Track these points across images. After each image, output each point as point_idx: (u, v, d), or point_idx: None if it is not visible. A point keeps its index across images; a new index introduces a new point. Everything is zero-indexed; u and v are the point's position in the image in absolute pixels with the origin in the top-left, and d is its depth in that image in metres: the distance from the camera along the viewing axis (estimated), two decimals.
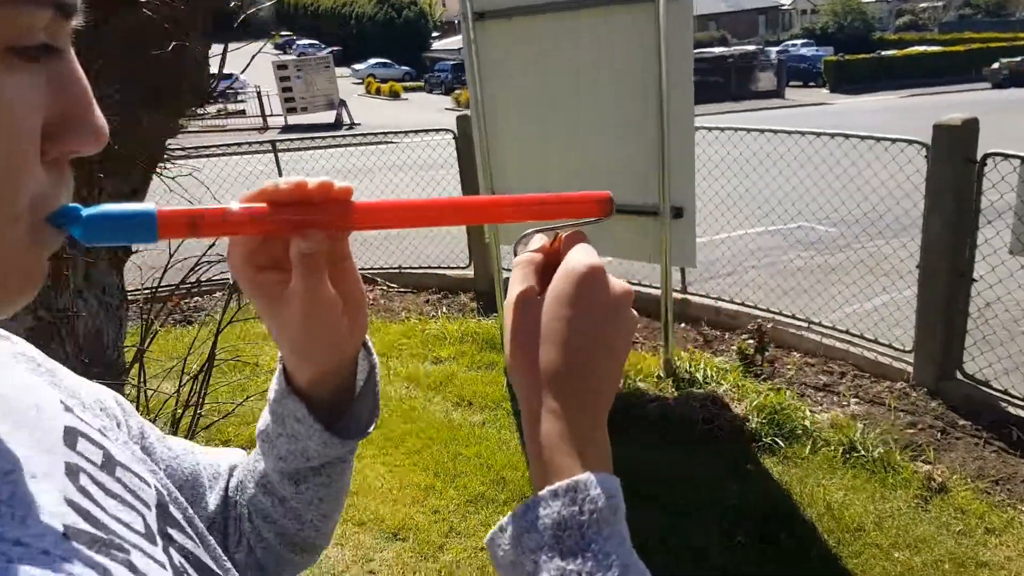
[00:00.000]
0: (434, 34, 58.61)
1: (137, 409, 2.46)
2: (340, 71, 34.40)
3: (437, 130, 6.29)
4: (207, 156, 6.70)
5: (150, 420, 2.52)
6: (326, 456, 0.60)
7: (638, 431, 3.65)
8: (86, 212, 0.39)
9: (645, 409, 3.90)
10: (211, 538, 0.55)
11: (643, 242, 3.95)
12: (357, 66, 44.61)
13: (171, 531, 0.48)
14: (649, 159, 3.74)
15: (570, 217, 0.50)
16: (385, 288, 6.09)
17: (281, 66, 21.98)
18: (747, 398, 3.83)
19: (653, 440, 3.57)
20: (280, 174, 6.21)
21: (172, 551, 0.46)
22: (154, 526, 0.45)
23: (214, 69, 2.56)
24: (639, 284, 5.26)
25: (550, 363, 0.47)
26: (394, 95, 37.55)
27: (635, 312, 0.50)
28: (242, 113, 22.57)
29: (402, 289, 6.09)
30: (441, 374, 4.44)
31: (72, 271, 2.10)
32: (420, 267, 6.32)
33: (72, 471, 0.41)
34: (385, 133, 7.20)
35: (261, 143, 6.56)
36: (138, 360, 2.31)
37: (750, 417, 3.66)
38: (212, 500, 0.64)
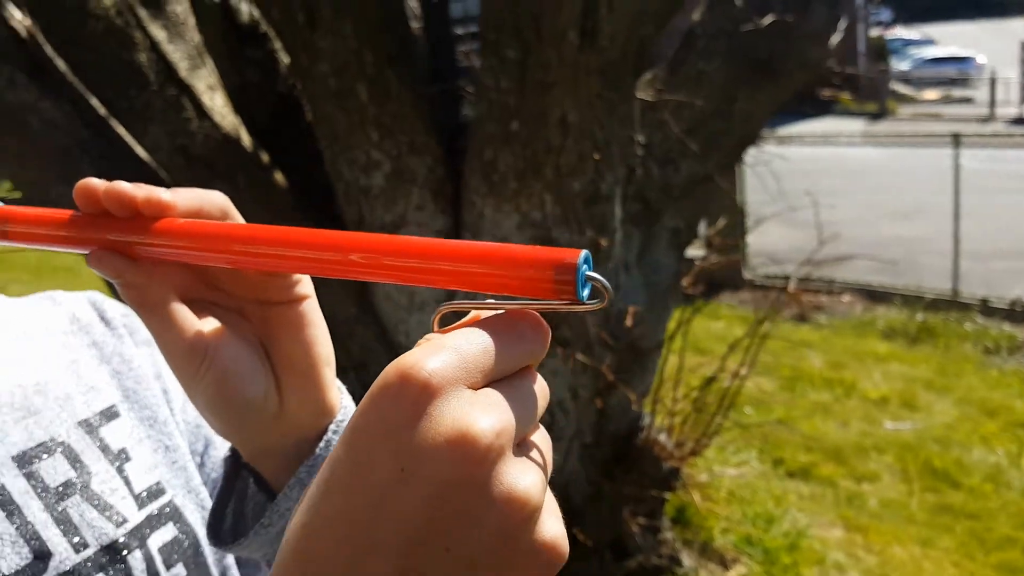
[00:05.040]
0: None
1: (654, 398, 2.57)
2: None
3: None
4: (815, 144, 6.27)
5: (666, 414, 2.60)
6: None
7: None
8: None
9: None
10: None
11: None
12: None
13: None
14: None
15: (509, 291, 0.30)
16: None
17: None
18: None
19: None
20: (958, 175, 5.42)
21: None
22: (51, 571, 0.44)
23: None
24: None
25: (289, 530, 0.29)
26: None
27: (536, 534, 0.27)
28: (967, 101, 20.46)
29: None
30: None
31: (624, 246, 2.29)
32: None
33: None
34: None
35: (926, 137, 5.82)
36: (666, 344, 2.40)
37: None
38: None
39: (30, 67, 1.32)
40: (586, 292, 0.29)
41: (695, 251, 3.83)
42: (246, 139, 1.71)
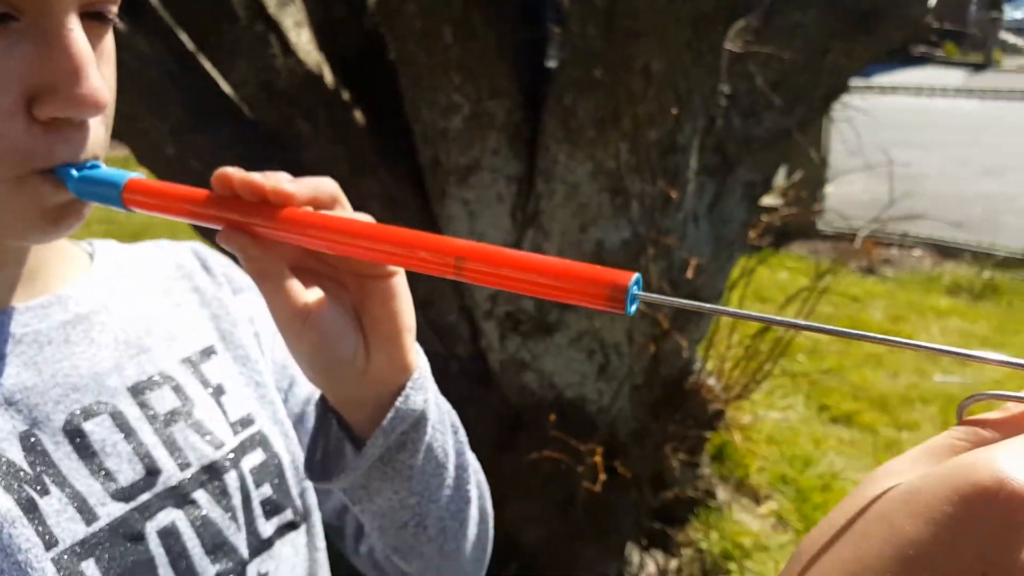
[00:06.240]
0: None
1: (708, 344, 2.59)
2: None
3: None
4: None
5: (718, 360, 2.62)
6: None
7: None
8: (78, 172, 0.44)
9: None
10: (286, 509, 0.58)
11: None
12: None
13: (197, 494, 0.52)
14: None
15: (576, 302, 0.36)
16: None
17: None
18: None
19: None
20: None
21: (165, 513, 0.50)
22: (159, 485, 0.50)
23: None
24: None
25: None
26: None
27: None
28: None
29: None
30: None
31: (696, 197, 2.25)
32: None
33: (89, 412, 0.49)
34: None
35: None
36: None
37: None
38: None
39: (124, 3, 1.32)
40: (634, 307, 0.34)
41: (770, 201, 3.74)
42: (328, 77, 1.70)
